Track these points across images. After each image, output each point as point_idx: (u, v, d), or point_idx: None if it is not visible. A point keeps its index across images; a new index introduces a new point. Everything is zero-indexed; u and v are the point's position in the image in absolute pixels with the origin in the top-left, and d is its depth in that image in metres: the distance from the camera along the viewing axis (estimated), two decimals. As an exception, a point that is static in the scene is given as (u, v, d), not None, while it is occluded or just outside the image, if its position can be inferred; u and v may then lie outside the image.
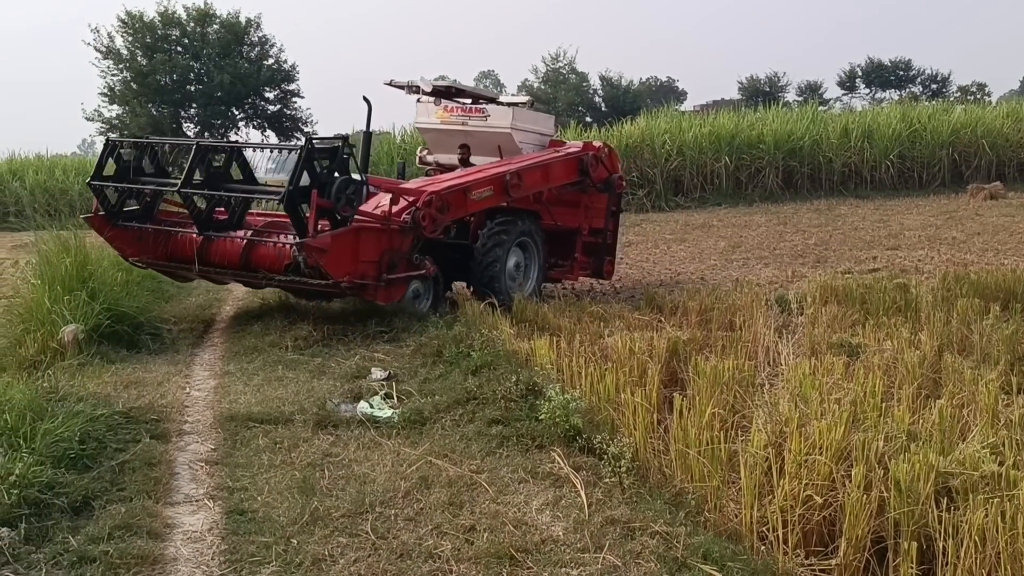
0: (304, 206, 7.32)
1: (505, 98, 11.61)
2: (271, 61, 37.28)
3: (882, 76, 53.38)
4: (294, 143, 8.50)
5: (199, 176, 7.97)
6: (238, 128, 37.17)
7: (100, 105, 35.86)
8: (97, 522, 3.93)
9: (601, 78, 48.53)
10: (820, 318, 7.64)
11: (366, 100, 9.12)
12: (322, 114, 67.37)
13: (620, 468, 4.42)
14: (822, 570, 3.74)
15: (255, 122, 37.52)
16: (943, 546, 3.54)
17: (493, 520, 4.04)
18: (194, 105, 36.26)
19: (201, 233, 8.06)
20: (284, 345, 7.28)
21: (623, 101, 45.58)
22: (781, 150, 22.49)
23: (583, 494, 4.26)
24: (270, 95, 37.70)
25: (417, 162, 11.42)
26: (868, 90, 54.02)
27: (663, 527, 3.88)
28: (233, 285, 9.87)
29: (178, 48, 35.90)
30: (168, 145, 8.93)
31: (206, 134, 34.20)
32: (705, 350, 6.81)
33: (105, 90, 35.61)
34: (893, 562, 3.66)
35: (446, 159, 10.74)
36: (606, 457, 4.56)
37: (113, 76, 35.51)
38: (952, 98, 43.67)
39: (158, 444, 5.07)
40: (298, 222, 7.35)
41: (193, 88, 36.09)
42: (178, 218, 8.56)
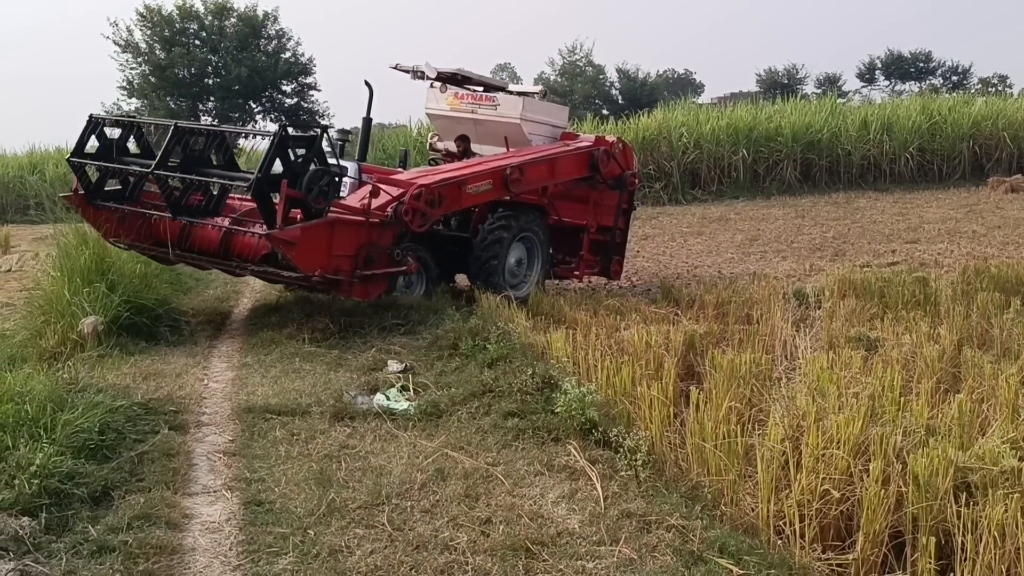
0: (276, 195, 7.03)
1: (515, 87, 11.38)
2: (288, 54, 37.46)
3: (902, 68, 52.95)
4: (271, 130, 8.22)
5: (176, 159, 7.69)
6: (255, 121, 37.36)
7: (119, 99, 36.31)
8: (116, 512, 3.97)
9: (618, 70, 48.41)
10: (838, 312, 7.59)
11: (367, 84, 9.02)
12: (340, 107, 67.25)
13: (636, 461, 4.41)
14: (839, 564, 3.73)
15: (272, 115, 37.62)
16: (961, 541, 3.52)
17: (509, 512, 4.05)
18: (212, 98, 36.53)
19: (175, 217, 7.74)
20: (301, 337, 7.28)
21: (640, 94, 45.41)
22: (799, 143, 22.26)
23: (599, 487, 4.27)
24: (287, 88, 37.94)
25: (428, 148, 11.22)
26: (888, 82, 53.70)
27: (679, 520, 3.88)
28: (250, 277, 9.90)
29: (196, 41, 36.20)
30: (153, 126, 8.68)
31: None
32: (722, 343, 6.80)
33: (124, 83, 36.14)
34: (911, 557, 3.64)
35: (455, 147, 10.53)
36: (622, 450, 4.55)
37: (132, 70, 36.02)
38: (973, 90, 43.17)
39: (176, 435, 5.10)
40: (267, 212, 7.06)
41: (211, 81, 36.33)
42: (160, 200, 8.17)
